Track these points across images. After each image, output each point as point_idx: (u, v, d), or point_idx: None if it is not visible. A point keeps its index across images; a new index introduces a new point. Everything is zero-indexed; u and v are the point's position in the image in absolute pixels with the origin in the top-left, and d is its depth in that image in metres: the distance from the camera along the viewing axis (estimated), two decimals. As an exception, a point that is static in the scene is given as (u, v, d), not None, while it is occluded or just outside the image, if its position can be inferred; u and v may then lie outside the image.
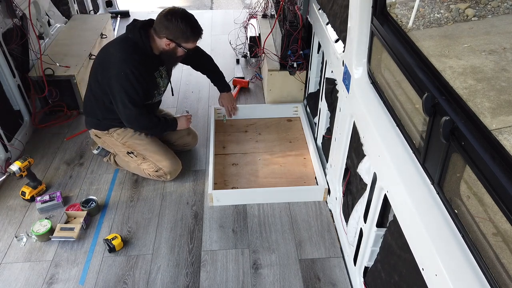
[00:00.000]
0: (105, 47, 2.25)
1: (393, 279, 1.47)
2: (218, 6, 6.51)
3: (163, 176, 2.46)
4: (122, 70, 2.09)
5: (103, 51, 2.23)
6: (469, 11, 3.91)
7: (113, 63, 2.12)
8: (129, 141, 2.38)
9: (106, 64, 2.14)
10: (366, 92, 1.73)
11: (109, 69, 2.12)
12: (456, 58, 3.15)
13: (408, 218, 1.28)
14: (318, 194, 2.38)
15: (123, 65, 2.09)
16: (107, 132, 2.37)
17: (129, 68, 2.08)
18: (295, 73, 3.03)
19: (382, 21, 1.58)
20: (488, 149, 0.96)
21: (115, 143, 2.39)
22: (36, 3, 3.26)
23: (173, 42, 2.10)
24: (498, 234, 1.06)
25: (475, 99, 2.61)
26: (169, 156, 2.45)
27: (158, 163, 2.41)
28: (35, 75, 2.95)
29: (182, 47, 2.13)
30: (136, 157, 2.42)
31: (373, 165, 1.64)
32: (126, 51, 2.12)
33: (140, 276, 2.00)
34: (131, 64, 2.09)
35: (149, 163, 2.42)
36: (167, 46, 2.12)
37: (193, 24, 2.11)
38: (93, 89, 2.28)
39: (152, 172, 2.45)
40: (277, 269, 2.03)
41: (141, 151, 2.40)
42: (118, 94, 2.14)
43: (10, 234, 2.21)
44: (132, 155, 2.42)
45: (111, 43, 2.26)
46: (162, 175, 2.45)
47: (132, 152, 2.41)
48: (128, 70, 2.08)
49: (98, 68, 2.20)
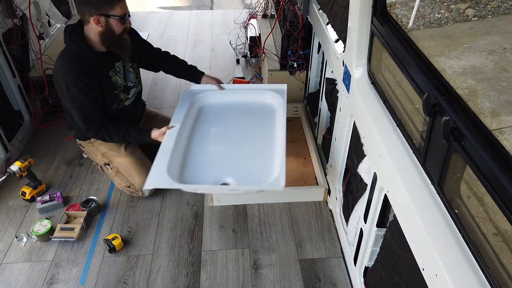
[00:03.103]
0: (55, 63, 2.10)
1: (393, 279, 1.47)
2: (218, 6, 6.51)
3: (135, 193, 2.37)
4: (64, 84, 1.98)
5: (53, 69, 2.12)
6: (469, 11, 3.91)
7: (55, 79, 2.03)
8: (108, 152, 2.31)
9: (54, 82, 2.07)
10: (366, 92, 1.74)
11: (56, 86, 2.05)
12: (456, 58, 3.15)
13: (408, 218, 1.28)
14: (318, 194, 2.38)
15: (64, 79, 1.97)
16: (89, 141, 2.32)
17: (70, 80, 1.95)
18: (295, 73, 3.03)
19: (382, 21, 1.58)
20: (488, 149, 0.96)
21: (95, 153, 2.35)
22: (36, 3, 3.26)
23: (100, 16, 1.90)
24: (498, 234, 1.06)
25: (475, 99, 2.61)
26: (144, 172, 2.20)
27: (130, 178, 2.33)
28: (35, 75, 2.95)
29: (112, 17, 1.92)
30: (112, 169, 2.36)
31: (373, 165, 1.64)
32: (64, 63, 1.99)
33: (140, 276, 2.00)
34: (71, 74, 1.96)
35: (122, 177, 2.34)
36: (98, 25, 1.92)
37: None
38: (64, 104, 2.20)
39: (124, 187, 2.38)
40: (277, 269, 2.03)
41: (116, 163, 2.33)
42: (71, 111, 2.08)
43: (10, 234, 2.21)
44: (108, 166, 2.36)
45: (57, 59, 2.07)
46: (134, 191, 2.36)
47: (108, 164, 2.35)
48: (70, 83, 1.96)
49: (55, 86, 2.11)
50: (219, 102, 2.49)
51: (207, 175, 2.02)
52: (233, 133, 2.33)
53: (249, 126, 2.36)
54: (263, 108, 2.48)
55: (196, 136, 2.27)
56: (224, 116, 2.42)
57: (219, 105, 2.48)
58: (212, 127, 2.35)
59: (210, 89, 2.50)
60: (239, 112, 2.45)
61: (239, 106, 2.48)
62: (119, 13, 1.93)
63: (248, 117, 2.42)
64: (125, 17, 1.98)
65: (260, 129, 2.34)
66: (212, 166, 2.08)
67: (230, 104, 2.49)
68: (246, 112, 2.46)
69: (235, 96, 2.52)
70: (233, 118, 2.41)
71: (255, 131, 2.32)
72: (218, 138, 2.30)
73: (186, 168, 2.06)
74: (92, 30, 1.96)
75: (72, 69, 1.97)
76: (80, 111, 2.06)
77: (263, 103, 2.50)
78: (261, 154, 2.19)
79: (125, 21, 1.99)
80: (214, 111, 2.45)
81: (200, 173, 2.04)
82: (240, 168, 2.09)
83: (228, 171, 2.05)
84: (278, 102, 2.45)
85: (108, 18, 1.93)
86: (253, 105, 2.49)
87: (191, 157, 2.13)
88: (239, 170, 2.07)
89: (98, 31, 1.96)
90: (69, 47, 2.01)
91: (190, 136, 2.26)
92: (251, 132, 2.32)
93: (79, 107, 2.05)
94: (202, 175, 2.02)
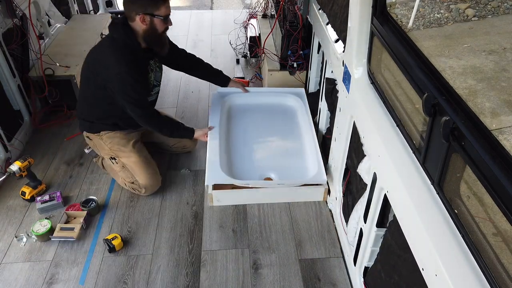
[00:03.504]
0: (95, 51, 2.18)
1: (393, 279, 1.47)
2: (218, 6, 6.51)
3: (138, 190, 2.39)
4: (118, 73, 2.05)
5: (93, 57, 2.16)
6: (469, 11, 3.91)
7: (108, 66, 2.07)
8: (115, 147, 2.34)
9: (100, 69, 2.10)
10: (366, 92, 1.73)
11: (105, 73, 2.08)
12: (456, 58, 3.16)
13: (408, 218, 1.28)
14: (318, 194, 2.38)
15: (118, 67, 2.05)
16: (98, 134, 2.35)
17: (125, 69, 2.05)
18: (295, 73, 3.03)
19: (382, 21, 1.58)
20: (488, 149, 0.96)
21: (102, 146, 2.37)
22: (36, 3, 3.26)
23: (146, 15, 2.01)
24: (498, 234, 1.06)
25: (475, 99, 2.61)
26: (149, 171, 2.37)
27: (135, 175, 2.36)
28: (35, 75, 2.95)
29: (157, 16, 2.03)
30: (117, 163, 2.38)
31: (373, 165, 1.64)
32: (116, 53, 2.07)
33: (140, 276, 2.00)
34: (125, 65, 2.05)
35: (127, 172, 2.37)
36: (143, 24, 2.03)
37: None
38: (88, 94, 2.25)
39: (128, 183, 2.40)
40: (277, 269, 2.03)
41: (123, 159, 2.36)
42: (122, 99, 2.13)
43: (10, 234, 2.21)
44: (114, 160, 2.38)
45: (100, 48, 2.18)
46: (137, 188, 2.38)
47: (114, 158, 2.38)
48: (124, 73, 2.05)
49: (91, 73, 2.15)
50: (245, 103, 2.87)
51: (252, 170, 2.37)
52: (264, 131, 2.68)
53: (276, 125, 2.73)
54: (285, 109, 2.87)
55: (233, 135, 2.62)
56: (252, 116, 2.79)
57: (246, 106, 2.86)
58: (244, 126, 2.71)
59: (236, 91, 2.84)
60: (264, 112, 2.83)
61: (264, 107, 2.86)
62: (163, 13, 2.05)
63: (273, 117, 2.80)
64: (168, 17, 2.09)
65: (286, 127, 2.70)
66: (255, 162, 2.44)
67: (255, 105, 2.87)
68: (270, 113, 2.83)
69: (259, 98, 2.90)
70: (260, 118, 2.78)
71: (283, 130, 2.69)
72: (252, 136, 2.64)
73: (233, 166, 2.40)
74: (136, 27, 2.07)
75: (124, 59, 2.06)
76: (135, 97, 2.14)
77: (285, 105, 2.89)
78: (293, 150, 2.54)
79: (168, 21, 2.11)
80: (242, 111, 2.82)
81: (246, 169, 2.39)
82: (279, 163, 2.43)
83: (269, 167, 2.40)
84: (298, 104, 2.84)
85: (153, 18, 2.04)
86: (276, 106, 2.88)
87: (235, 155, 2.48)
88: (278, 166, 2.41)
89: (142, 29, 2.07)
90: (116, 38, 2.09)
91: (228, 136, 2.61)
92: (279, 131, 2.68)
93: (132, 94, 2.13)
94: (248, 170, 2.37)
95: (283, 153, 2.53)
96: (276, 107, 2.87)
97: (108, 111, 2.26)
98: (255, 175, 2.35)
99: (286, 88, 3.00)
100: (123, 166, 2.38)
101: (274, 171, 2.39)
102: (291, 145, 2.57)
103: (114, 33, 2.09)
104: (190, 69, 2.66)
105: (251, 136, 2.63)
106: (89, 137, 2.41)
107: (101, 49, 2.15)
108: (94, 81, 2.15)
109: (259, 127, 2.70)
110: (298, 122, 2.74)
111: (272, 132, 2.67)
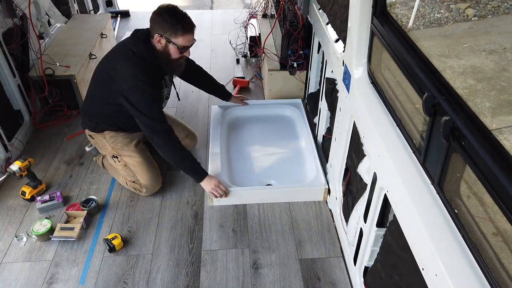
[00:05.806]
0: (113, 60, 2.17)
1: (393, 279, 1.47)
2: (218, 6, 6.51)
3: (139, 189, 2.39)
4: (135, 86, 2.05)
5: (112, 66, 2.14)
6: (469, 11, 3.91)
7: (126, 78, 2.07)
8: (118, 146, 2.34)
9: (117, 79, 2.09)
10: (366, 92, 1.73)
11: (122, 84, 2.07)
12: (456, 58, 3.16)
13: (408, 218, 1.28)
14: (318, 194, 2.38)
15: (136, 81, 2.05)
16: (101, 134, 2.35)
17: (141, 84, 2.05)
18: (295, 73, 3.03)
19: (382, 21, 1.58)
20: (488, 149, 0.96)
21: (105, 145, 2.37)
22: (36, 3, 3.26)
23: (162, 38, 2.02)
24: (498, 234, 1.06)
25: (475, 99, 2.61)
26: (151, 171, 2.38)
27: (137, 174, 2.36)
28: (35, 75, 2.95)
29: (173, 43, 2.02)
30: (119, 162, 2.39)
31: (373, 165, 1.64)
32: (137, 67, 2.07)
33: (140, 276, 2.00)
34: (142, 79, 2.06)
35: (129, 171, 2.38)
36: (158, 44, 2.05)
37: (182, 18, 2.03)
38: (98, 98, 2.25)
39: (129, 182, 2.40)
40: (277, 269, 2.03)
41: (125, 158, 2.36)
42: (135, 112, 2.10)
43: (10, 233, 2.21)
44: (116, 159, 2.39)
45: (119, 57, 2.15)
46: (138, 187, 2.39)
47: (116, 157, 2.38)
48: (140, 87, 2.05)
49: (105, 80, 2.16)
50: (244, 115, 3.00)
51: (253, 178, 2.48)
52: (263, 141, 2.79)
53: (275, 134, 2.86)
54: (283, 119, 3.01)
55: (234, 145, 2.73)
56: (252, 127, 2.92)
57: (246, 117, 2.99)
58: (244, 137, 2.83)
59: (234, 105, 2.96)
60: (263, 123, 2.95)
61: (263, 118, 2.99)
62: (180, 43, 2.04)
63: (272, 127, 2.93)
64: (186, 48, 2.08)
65: (285, 136, 2.83)
66: (255, 170, 2.55)
67: (255, 116, 2.99)
68: (269, 123, 2.96)
69: (258, 110, 3.02)
70: (259, 128, 2.91)
71: (281, 139, 2.80)
72: (252, 145, 2.74)
73: (234, 173, 2.50)
74: (154, 44, 2.09)
75: (143, 74, 2.06)
76: (150, 109, 2.11)
77: (282, 115, 3.03)
78: (292, 157, 2.65)
79: (184, 51, 2.09)
80: (242, 123, 2.95)
81: (246, 176, 2.49)
82: (279, 170, 2.54)
83: (269, 174, 2.52)
84: (295, 114, 2.98)
85: (168, 43, 2.04)
86: (274, 117, 3.01)
87: (235, 164, 2.58)
88: (278, 173, 2.52)
89: (157, 48, 2.08)
90: (136, 52, 2.07)
91: (228, 146, 2.71)
92: (278, 140, 2.80)
93: (148, 107, 2.10)
94: (249, 178, 2.48)
95: (283, 161, 2.63)
96: (274, 117, 3.00)
97: (117, 117, 2.27)
98: (256, 182, 2.45)
99: (284, 99, 3.12)
100: (125, 165, 2.38)
101: (274, 178, 2.49)
102: (290, 153, 2.69)
103: (134, 47, 2.08)
104: (196, 83, 2.73)
105: (251, 145, 2.74)
106: (91, 135, 2.41)
107: (120, 60, 2.13)
108: (107, 88, 2.14)
109: (259, 137, 2.82)
110: (296, 131, 2.87)
111: (271, 141, 2.79)
